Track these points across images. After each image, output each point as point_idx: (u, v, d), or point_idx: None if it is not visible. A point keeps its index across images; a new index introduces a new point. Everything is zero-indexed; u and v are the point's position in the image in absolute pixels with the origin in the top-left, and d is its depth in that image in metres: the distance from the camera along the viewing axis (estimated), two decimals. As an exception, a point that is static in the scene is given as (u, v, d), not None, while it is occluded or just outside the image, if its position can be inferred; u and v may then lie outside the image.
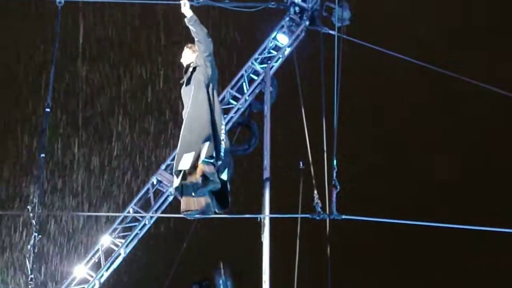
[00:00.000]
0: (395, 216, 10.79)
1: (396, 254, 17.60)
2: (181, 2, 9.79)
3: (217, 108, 9.79)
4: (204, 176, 9.54)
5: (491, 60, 17.62)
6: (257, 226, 12.31)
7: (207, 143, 9.52)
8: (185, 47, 10.08)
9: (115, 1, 14.58)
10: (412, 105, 18.04)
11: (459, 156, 18.07)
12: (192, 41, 9.96)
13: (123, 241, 12.79)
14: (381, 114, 18.14)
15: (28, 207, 11.36)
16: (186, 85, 9.89)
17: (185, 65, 10.05)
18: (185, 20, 9.80)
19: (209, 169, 9.55)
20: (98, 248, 12.78)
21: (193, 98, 9.71)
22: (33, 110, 16.79)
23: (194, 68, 9.85)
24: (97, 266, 12.74)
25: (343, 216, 10.54)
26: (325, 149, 11.57)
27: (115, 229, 12.88)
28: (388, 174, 17.66)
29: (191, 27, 9.76)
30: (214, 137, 9.62)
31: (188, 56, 10.05)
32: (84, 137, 17.13)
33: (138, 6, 16.17)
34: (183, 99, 9.93)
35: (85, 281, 12.67)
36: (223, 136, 9.77)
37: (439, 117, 18.13)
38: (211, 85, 9.81)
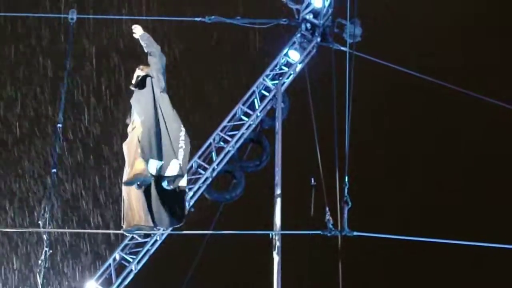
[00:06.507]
0: (408, 233, 10.71)
1: (411, 272, 17.41)
2: (133, 28, 9.72)
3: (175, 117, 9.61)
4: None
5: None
6: (269, 243, 12.26)
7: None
8: (136, 69, 9.86)
9: (128, 18, 14.63)
10: (425, 121, 17.95)
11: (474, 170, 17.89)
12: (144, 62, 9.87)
13: (134, 257, 12.78)
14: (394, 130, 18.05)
15: (39, 222, 11.33)
16: (139, 89, 9.65)
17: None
18: (138, 37, 9.75)
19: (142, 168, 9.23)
20: (110, 264, 12.78)
21: (164, 108, 9.52)
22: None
23: (145, 76, 9.65)
24: (108, 282, 12.73)
25: (355, 233, 10.49)
26: (336, 165, 11.52)
27: (127, 245, 12.87)
28: (400, 190, 17.55)
29: (143, 43, 9.72)
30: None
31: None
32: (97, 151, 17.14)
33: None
34: (133, 105, 9.68)
35: (96, 297, 12.69)
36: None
37: (452, 133, 18.03)
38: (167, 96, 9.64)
